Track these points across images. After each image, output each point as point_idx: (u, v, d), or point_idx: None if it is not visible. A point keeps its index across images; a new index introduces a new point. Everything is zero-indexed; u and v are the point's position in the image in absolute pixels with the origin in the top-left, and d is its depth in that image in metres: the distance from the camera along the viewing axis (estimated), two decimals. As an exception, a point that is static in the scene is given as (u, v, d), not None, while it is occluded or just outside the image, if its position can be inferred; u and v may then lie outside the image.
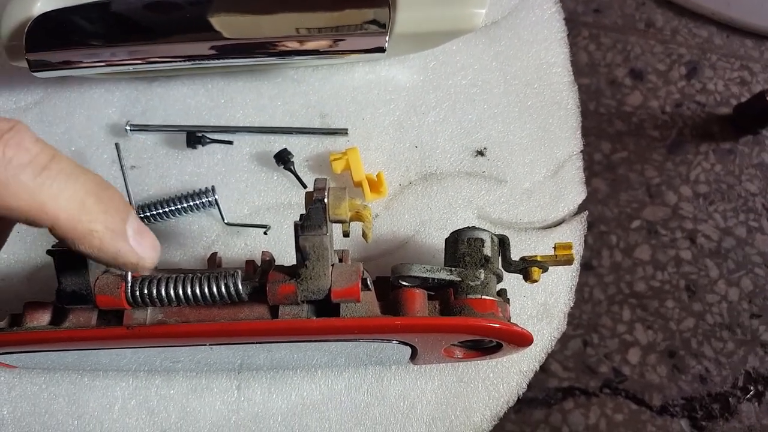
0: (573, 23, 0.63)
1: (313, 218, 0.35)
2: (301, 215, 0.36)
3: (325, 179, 0.36)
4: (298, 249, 0.36)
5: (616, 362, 0.53)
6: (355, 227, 0.39)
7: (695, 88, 0.65)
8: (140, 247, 0.31)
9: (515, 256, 0.42)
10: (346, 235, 0.39)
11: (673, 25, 0.65)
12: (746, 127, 0.62)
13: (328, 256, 0.36)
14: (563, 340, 0.51)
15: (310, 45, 0.47)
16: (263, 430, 0.44)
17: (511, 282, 0.47)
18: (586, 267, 0.55)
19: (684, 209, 0.59)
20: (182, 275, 0.37)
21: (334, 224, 0.38)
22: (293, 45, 0.47)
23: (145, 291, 0.36)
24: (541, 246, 0.49)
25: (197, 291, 0.36)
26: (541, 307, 0.48)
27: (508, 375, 0.46)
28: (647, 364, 0.54)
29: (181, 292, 0.36)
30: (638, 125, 0.62)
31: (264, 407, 0.45)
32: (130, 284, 0.36)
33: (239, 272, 0.37)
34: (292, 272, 0.37)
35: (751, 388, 0.53)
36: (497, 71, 0.54)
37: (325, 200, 0.35)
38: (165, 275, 0.37)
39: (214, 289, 0.36)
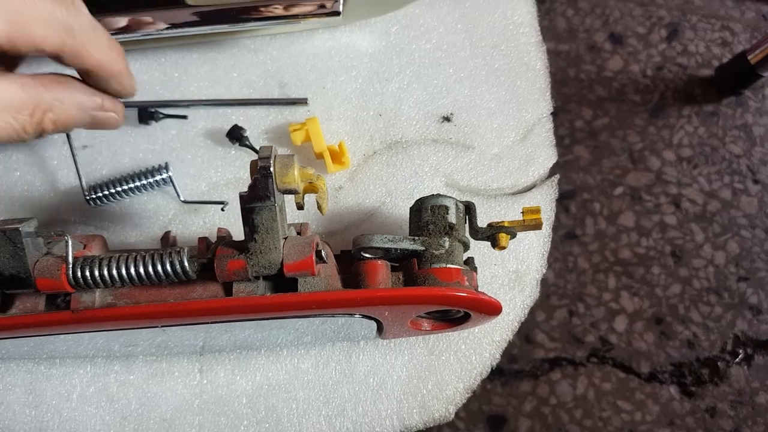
0: (550, -12, 0.61)
1: (259, 188, 0.33)
2: (249, 185, 0.34)
3: (271, 147, 0.34)
4: (245, 222, 0.34)
5: (603, 331, 0.52)
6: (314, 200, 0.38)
7: (676, 50, 0.63)
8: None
9: (485, 223, 0.41)
10: (300, 207, 0.37)
11: (652, -14, 0.63)
12: (728, 88, 0.61)
13: (278, 228, 0.34)
14: (548, 310, 0.50)
15: (264, 10, 0.44)
16: (228, 412, 0.43)
17: (481, 250, 0.46)
18: (569, 236, 0.53)
19: (668, 174, 0.58)
20: (126, 255, 0.35)
21: (285, 195, 0.36)
22: (246, 11, 0.44)
23: (87, 272, 0.34)
24: (511, 212, 0.48)
25: (141, 270, 0.34)
26: (513, 274, 0.46)
27: (481, 346, 0.45)
28: (634, 332, 0.52)
29: (124, 272, 0.34)
30: (619, 90, 0.61)
31: (228, 389, 0.43)
32: (71, 265, 0.34)
33: (185, 249, 0.35)
34: (241, 247, 0.35)
35: (740, 351, 0.53)
36: (463, 33, 0.52)
37: (271, 169, 0.33)
38: (108, 255, 0.35)
39: (159, 268, 0.34)
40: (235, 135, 0.47)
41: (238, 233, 0.41)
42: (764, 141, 0.60)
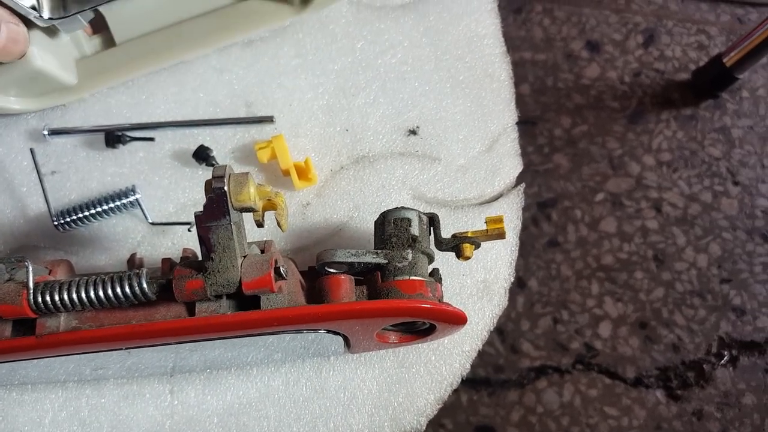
0: (526, -1, 0.61)
1: (214, 207, 0.34)
2: (204, 205, 0.34)
3: (225, 166, 0.34)
4: (202, 241, 0.34)
5: (588, 337, 0.52)
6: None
7: (653, 55, 0.64)
8: None
9: (450, 234, 0.41)
10: (259, 225, 0.37)
11: (627, -7, 0.64)
12: (706, 91, 0.61)
13: (235, 246, 0.34)
14: (533, 318, 0.50)
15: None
16: (199, 432, 0.43)
17: (449, 262, 0.46)
18: (551, 244, 0.54)
19: (648, 179, 0.58)
20: (86, 278, 0.35)
21: (243, 213, 0.36)
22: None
23: (48, 297, 0.35)
24: (478, 223, 0.48)
25: (101, 293, 0.35)
26: (481, 284, 0.46)
27: (450, 356, 0.45)
28: (619, 337, 0.52)
29: (84, 295, 0.35)
30: (597, 97, 0.61)
31: (199, 409, 0.43)
32: (32, 291, 0.35)
33: (144, 271, 0.35)
34: (199, 267, 0.35)
35: (725, 353, 0.53)
36: (428, 47, 0.52)
37: (225, 188, 0.33)
38: (69, 279, 0.36)
39: (119, 290, 0.35)
40: (202, 155, 0.47)
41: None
42: (743, 143, 0.60)
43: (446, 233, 0.41)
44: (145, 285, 0.35)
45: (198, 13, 0.48)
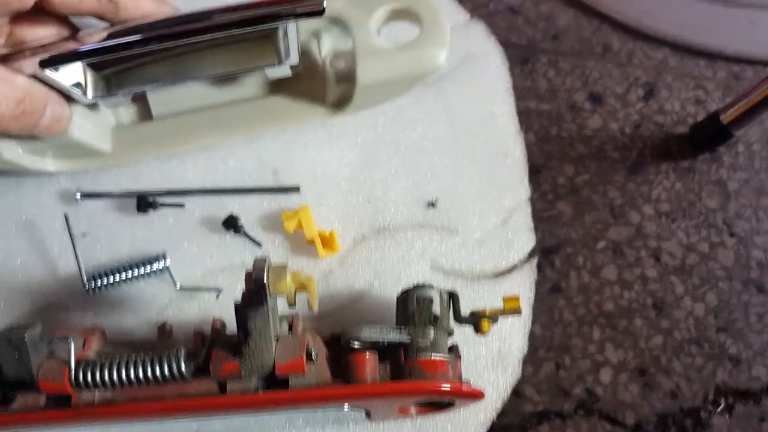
0: (532, 50, 0.63)
1: (253, 297, 0.35)
2: (243, 294, 0.36)
3: (264, 259, 0.36)
4: (239, 327, 0.36)
5: (589, 383, 0.53)
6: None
7: (653, 108, 0.65)
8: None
9: (469, 303, 0.43)
10: (290, 305, 0.39)
11: (628, 48, 0.66)
12: (703, 145, 0.62)
13: (270, 332, 0.36)
14: (536, 363, 0.52)
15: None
16: (221, 497, 0.44)
17: (465, 331, 0.48)
18: (554, 289, 0.55)
19: (647, 228, 0.59)
20: (125, 357, 0.37)
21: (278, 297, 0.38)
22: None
23: (88, 376, 0.36)
24: (493, 294, 0.50)
25: (140, 374, 0.36)
26: (496, 355, 0.48)
27: (466, 425, 0.47)
28: (619, 383, 0.54)
29: (124, 375, 0.36)
30: (599, 148, 0.63)
31: (222, 474, 0.45)
32: (73, 369, 0.36)
33: (182, 350, 0.37)
34: (235, 349, 0.37)
35: (722, 401, 0.54)
36: (446, 124, 0.55)
37: (265, 280, 0.35)
38: (110, 356, 0.37)
39: (158, 371, 0.36)
40: (231, 224, 0.49)
41: (230, 318, 0.43)
42: (739, 195, 0.62)
43: (463, 304, 0.43)
44: (183, 366, 0.36)
45: (237, 99, 0.50)
